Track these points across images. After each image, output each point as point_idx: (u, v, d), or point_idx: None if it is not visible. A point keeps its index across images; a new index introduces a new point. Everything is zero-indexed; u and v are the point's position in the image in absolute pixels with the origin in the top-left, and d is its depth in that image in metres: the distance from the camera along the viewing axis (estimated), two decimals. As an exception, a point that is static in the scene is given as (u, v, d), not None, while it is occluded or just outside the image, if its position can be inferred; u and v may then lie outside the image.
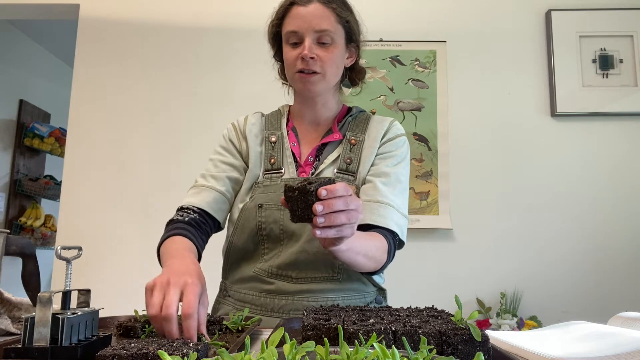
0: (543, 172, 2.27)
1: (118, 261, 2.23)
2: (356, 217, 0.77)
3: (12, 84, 3.84)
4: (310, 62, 1.04)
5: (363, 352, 0.41)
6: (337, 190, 0.74)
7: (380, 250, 0.99)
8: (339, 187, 0.74)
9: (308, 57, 1.03)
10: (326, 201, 0.73)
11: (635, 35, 2.33)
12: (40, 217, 3.93)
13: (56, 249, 0.67)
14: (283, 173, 1.10)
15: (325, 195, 0.73)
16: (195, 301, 0.71)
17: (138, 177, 2.31)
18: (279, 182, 1.08)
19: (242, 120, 1.19)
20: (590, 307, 2.13)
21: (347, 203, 0.75)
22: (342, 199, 0.74)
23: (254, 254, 1.09)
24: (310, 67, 1.05)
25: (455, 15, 2.40)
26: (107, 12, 2.45)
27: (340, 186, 0.75)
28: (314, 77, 1.06)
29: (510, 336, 0.78)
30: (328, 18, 1.06)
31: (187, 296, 0.72)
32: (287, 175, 1.10)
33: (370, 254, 0.95)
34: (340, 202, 0.74)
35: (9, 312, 0.85)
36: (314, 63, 1.05)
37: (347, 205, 0.75)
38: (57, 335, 0.59)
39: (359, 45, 1.15)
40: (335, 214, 0.74)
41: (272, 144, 1.13)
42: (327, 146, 1.13)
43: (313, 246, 1.03)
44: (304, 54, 1.03)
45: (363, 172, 1.10)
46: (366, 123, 1.16)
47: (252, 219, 1.07)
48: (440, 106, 2.31)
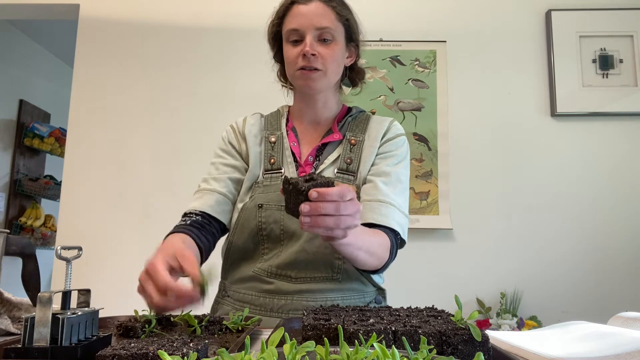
0: (543, 172, 2.27)
1: (118, 261, 2.23)
2: (348, 222, 0.76)
3: (12, 84, 3.84)
4: (312, 59, 1.05)
5: (363, 352, 0.41)
6: (329, 195, 0.73)
7: (383, 248, 0.99)
8: (332, 191, 0.74)
9: (309, 53, 1.04)
10: (315, 203, 0.73)
11: (635, 35, 2.33)
12: (40, 217, 3.93)
13: (56, 249, 0.67)
14: (283, 173, 1.10)
15: (315, 198, 0.73)
16: (156, 258, 0.79)
17: (138, 177, 2.31)
18: (278, 182, 1.08)
19: (241, 122, 1.20)
20: (590, 307, 2.13)
21: (339, 208, 0.74)
22: (333, 204, 0.74)
23: (253, 254, 1.08)
24: (312, 63, 1.05)
25: (455, 15, 2.40)
26: (107, 12, 2.45)
27: (334, 190, 0.74)
28: (316, 73, 1.07)
29: (510, 336, 0.78)
30: (329, 16, 1.07)
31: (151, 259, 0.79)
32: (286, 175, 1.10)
33: (372, 250, 0.95)
34: (330, 207, 0.74)
35: (9, 312, 0.85)
36: (315, 60, 1.05)
37: (339, 210, 0.74)
38: (57, 335, 0.59)
39: (358, 45, 1.16)
40: (323, 217, 0.74)
41: (272, 144, 1.13)
42: (327, 146, 1.13)
43: (313, 246, 1.03)
44: (305, 51, 1.04)
45: (363, 172, 1.10)
46: (366, 123, 1.16)
47: (252, 219, 1.07)
48: (440, 106, 2.31)
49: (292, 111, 1.21)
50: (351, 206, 0.76)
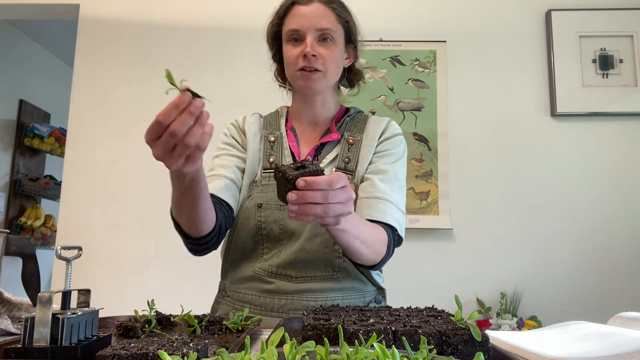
0: (543, 172, 2.27)
1: (118, 261, 2.23)
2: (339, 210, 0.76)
3: (12, 84, 3.84)
4: (312, 60, 1.06)
5: (363, 352, 0.41)
6: (317, 184, 0.73)
7: (380, 242, 0.99)
8: (320, 180, 0.74)
9: (310, 54, 1.05)
10: (301, 192, 0.73)
11: (635, 35, 2.33)
12: (40, 217, 3.93)
13: (56, 249, 0.67)
14: None
15: (302, 186, 0.73)
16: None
17: (138, 178, 2.31)
18: None
19: (241, 120, 1.21)
20: (590, 307, 2.13)
21: (327, 197, 0.74)
22: (320, 192, 0.74)
23: (253, 254, 1.09)
24: (312, 64, 1.06)
25: (455, 15, 2.40)
26: (107, 12, 2.44)
27: (322, 179, 0.74)
28: (316, 74, 1.07)
29: (510, 336, 0.78)
30: (329, 17, 1.08)
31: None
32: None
33: (369, 242, 0.95)
34: (318, 195, 0.73)
35: (9, 312, 0.85)
36: (316, 61, 1.06)
37: (327, 199, 0.74)
38: (57, 335, 0.59)
39: (356, 47, 1.18)
40: (310, 205, 0.74)
41: (271, 143, 1.14)
42: (326, 146, 1.14)
43: (313, 245, 1.03)
44: (306, 51, 1.05)
45: (361, 171, 1.11)
46: (364, 123, 1.17)
47: (251, 218, 1.07)
48: (440, 106, 2.31)
49: (290, 111, 1.22)
50: (342, 194, 0.76)
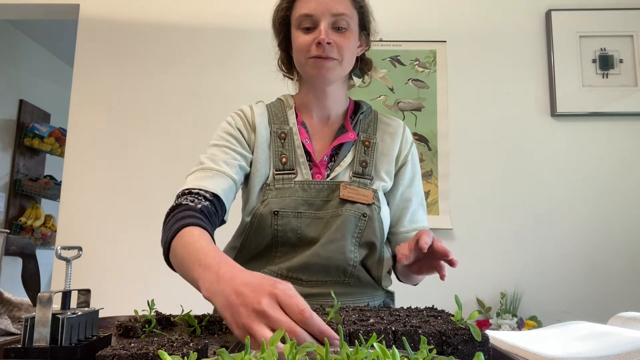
0: (543, 172, 2.27)
1: (118, 261, 2.23)
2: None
3: (12, 84, 3.84)
4: (327, 48, 0.98)
5: (363, 352, 0.41)
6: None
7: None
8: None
9: (325, 42, 0.97)
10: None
11: (635, 35, 2.33)
12: (40, 217, 3.93)
13: (56, 249, 0.67)
14: (296, 174, 1.02)
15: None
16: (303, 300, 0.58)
17: (138, 177, 2.31)
18: (292, 184, 1.01)
19: (248, 110, 1.10)
20: (590, 307, 2.13)
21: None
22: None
23: (264, 257, 1.03)
24: (327, 53, 0.99)
25: (455, 15, 2.40)
26: (107, 12, 2.44)
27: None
28: (331, 62, 1.00)
29: (510, 336, 0.78)
30: (345, 2, 1.01)
31: (291, 299, 0.58)
32: (299, 177, 1.02)
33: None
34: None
35: (9, 312, 0.85)
36: (331, 49, 0.99)
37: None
38: (57, 335, 0.59)
39: (369, 34, 1.11)
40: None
41: (282, 140, 1.05)
42: (342, 147, 1.07)
43: (327, 250, 0.97)
44: (321, 39, 0.97)
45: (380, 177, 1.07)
46: (375, 122, 1.12)
47: (267, 226, 0.98)
48: (440, 106, 2.31)
49: (297, 104, 1.12)
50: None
